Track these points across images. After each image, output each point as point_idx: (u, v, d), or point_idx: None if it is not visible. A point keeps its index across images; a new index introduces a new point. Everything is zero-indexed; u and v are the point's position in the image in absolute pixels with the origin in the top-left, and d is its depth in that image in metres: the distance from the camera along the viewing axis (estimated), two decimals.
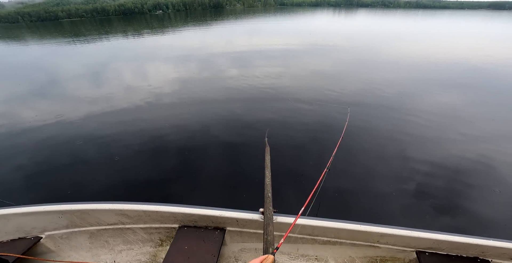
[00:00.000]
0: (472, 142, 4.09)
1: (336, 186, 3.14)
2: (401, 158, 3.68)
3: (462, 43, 14.93)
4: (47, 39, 24.94)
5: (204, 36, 20.91)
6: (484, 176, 3.29)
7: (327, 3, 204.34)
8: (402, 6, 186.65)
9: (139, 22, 49.31)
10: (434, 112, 5.14)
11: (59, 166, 3.80)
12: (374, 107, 5.41)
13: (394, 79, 7.44)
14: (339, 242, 1.65)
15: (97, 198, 3.14)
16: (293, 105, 5.74)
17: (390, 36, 18.55)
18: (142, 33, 25.70)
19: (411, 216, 2.74)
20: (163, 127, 4.90)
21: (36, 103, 6.73)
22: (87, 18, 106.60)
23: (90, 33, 27.84)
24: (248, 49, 13.27)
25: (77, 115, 5.65)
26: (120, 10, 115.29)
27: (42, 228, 1.78)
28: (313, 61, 10.19)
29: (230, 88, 7.12)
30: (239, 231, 1.73)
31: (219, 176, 3.49)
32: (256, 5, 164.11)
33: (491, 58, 10.19)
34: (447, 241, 1.42)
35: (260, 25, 29.96)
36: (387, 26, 28.92)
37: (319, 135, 4.41)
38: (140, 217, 1.73)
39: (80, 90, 7.61)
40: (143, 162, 3.85)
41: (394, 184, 3.16)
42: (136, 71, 9.83)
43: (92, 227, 1.82)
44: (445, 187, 3.10)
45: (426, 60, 9.93)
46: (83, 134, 4.77)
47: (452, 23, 33.04)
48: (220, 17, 52.33)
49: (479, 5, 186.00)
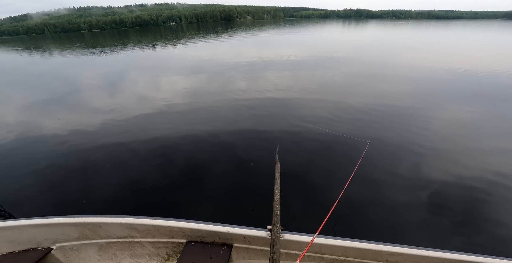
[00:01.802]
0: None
1: (349, 205, 3.04)
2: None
3: (478, 54, 14.37)
4: (69, 49, 26.41)
5: (215, 48, 21.42)
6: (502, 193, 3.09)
7: (336, 14, 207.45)
8: (414, 17, 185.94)
9: (154, 33, 51.66)
10: (445, 127, 4.87)
11: (71, 175, 3.96)
12: (392, 131, 5.08)
13: (405, 93, 7.12)
14: (347, 260, 1.59)
15: (107, 207, 3.26)
16: (305, 119, 5.57)
17: (402, 48, 18.22)
18: (156, 44, 26.74)
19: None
20: (173, 138, 5.00)
21: (53, 111, 6.94)
22: (106, 29, 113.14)
23: (108, 44, 29.30)
24: (258, 60, 13.34)
25: (90, 124, 5.85)
26: (137, 22, 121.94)
27: (53, 240, 1.81)
28: (323, 74, 10.02)
29: (240, 100, 7.07)
30: (246, 248, 1.70)
31: (228, 190, 3.48)
32: (266, 18, 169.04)
33: (507, 69, 9.72)
34: (459, 260, 1.35)
35: (270, 37, 30.51)
36: (398, 37, 28.62)
37: (332, 154, 4.23)
38: (149, 231, 1.74)
39: (95, 100, 7.80)
40: (153, 172, 3.95)
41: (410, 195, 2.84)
42: (149, 81, 10.02)
43: (102, 239, 1.83)
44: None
45: (441, 73, 9.51)
46: (98, 142, 4.91)
47: (467, 34, 32.29)
48: (231, 29, 53.94)
49: (494, 14, 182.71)
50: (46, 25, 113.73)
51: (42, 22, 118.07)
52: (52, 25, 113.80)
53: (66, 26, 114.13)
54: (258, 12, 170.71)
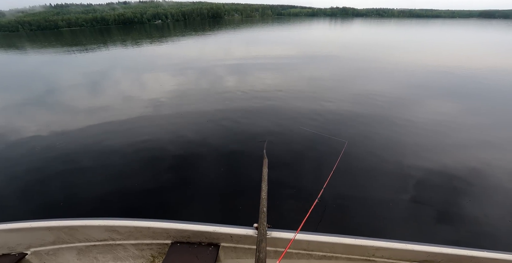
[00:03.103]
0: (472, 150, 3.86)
1: (333, 201, 3.06)
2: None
3: (453, 52, 15.07)
4: (46, 47, 24.92)
5: (203, 46, 21.03)
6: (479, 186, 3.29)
7: (323, 13, 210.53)
8: (396, 15, 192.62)
9: (139, 31, 49.92)
10: (429, 123, 5.13)
11: (51, 177, 3.74)
12: (371, 123, 5.23)
13: (388, 90, 7.37)
14: (334, 256, 1.61)
15: (89, 210, 3.10)
16: (292, 116, 5.56)
17: (385, 46, 18.77)
18: (141, 42, 25.84)
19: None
20: (159, 138, 4.82)
21: (31, 112, 6.54)
22: (87, 27, 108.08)
23: (89, 42, 27.93)
24: (246, 58, 13.22)
25: (72, 125, 5.54)
26: (120, 19, 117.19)
27: (27, 244, 1.74)
28: (310, 71, 10.12)
29: (227, 99, 6.99)
30: (233, 247, 1.69)
31: (215, 188, 3.40)
32: (254, 16, 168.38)
33: (482, 66, 10.24)
34: (442, 253, 1.40)
35: (258, 35, 30.38)
36: (382, 35, 29.46)
37: (319, 147, 4.23)
38: (131, 233, 1.69)
39: (76, 100, 7.42)
40: (137, 173, 3.79)
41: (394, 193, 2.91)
42: (134, 81, 9.66)
43: (80, 243, 1.76)
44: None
45: (421, 69, 9.88)
46: (78, 144, 4.67)
47: (444, 33, 33.79)
48: (218, 27, 53.24)
49: (470, 14, 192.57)
50: (20, 22, 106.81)
51: (16, 20, 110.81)
52: (27, 22, 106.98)
53: (43, 24, 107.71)
54: (246, 10, 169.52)
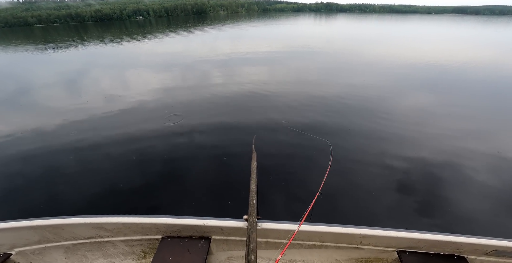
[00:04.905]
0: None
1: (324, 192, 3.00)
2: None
3: (430, 46, 15.69)
4: (15, 45, 22.97)
5: (188, 43, 20.34)
6: (459, 175, 3.38)
7: (308, 8, 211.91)
8: (377, 11, 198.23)
9: (119, 28, 47.45)
10: (407, 114, 5.33)
11: (32, 179, 3.48)
12: (355, 112, 5.34)
13: (371, 83, 7.53)
14: (324, 245, 1.65)
15: (74, 210, 2.94)
16: (280, 110, 5.52)
17: (367, 40, 19.18)
18: (121, 39, 24.57)
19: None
20: (144, 135, 4.60)
21: (4, 113, 6.05)
22: (60, 24, 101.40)
23: (63, 39, 26.08)
24: (232, 54, 12.94)
25: (50, 124, 5.20)
26: (97, 16, 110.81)
27: (11, 245, 1.71)
28: (296, 66, 10.09)
29: (214, 95, 6.80)
30: (224, 240, 1.70)
31: (205, 183, 3.35)
32: (240, 11, 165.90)
33: (456, 59, 10.76)
34: (424, 239, 1.45)
35: (244, 31, 29.94)
36: (366, 30, 30.14)
37: (307, 142, 4.20)
38: (119, 229, 1.67)
39: (53, 99, 6.89)
40: (124, 171, 3.60)
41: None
42: (116, 79, 9.11)
43: (67, 241, 1.75)
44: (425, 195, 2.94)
45: (402, 65, 10.15)
46: (58, 144, 4.38)
47: (421, 27, 35.13)
48: (204, 23, 51.92)
49: (444, 10, 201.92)
50: None
51: None
52: None
53: (10, 21, 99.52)
54: (232, 6, 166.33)
